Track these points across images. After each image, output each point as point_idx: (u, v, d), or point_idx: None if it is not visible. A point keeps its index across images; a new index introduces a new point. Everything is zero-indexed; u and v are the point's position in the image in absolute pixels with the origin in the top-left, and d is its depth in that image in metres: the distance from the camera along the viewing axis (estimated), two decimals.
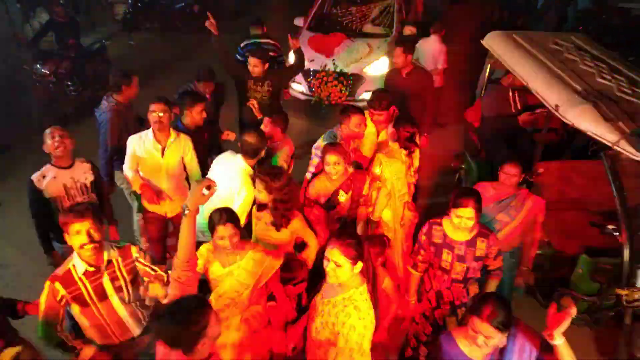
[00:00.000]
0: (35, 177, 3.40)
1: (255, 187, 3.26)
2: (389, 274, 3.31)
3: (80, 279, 2.66)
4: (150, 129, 3.79)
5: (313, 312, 2.66)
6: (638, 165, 3.09)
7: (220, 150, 4.20)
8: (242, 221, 3.36)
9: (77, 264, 2.67)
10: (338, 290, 2.49)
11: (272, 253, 2.95)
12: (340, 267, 2.36)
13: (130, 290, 2.82)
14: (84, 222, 2.57)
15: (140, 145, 3.80)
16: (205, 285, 2.88)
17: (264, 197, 3.17)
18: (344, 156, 3.45)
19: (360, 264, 2.41)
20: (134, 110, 4.48)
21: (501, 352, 2.36)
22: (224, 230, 2.71)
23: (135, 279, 2.83)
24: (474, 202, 2.91)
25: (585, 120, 3.29)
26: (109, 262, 2.73)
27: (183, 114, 4.10)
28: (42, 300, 2.63)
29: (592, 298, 3.68)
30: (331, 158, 3.43)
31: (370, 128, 4.20)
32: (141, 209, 4.19)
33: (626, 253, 3.23)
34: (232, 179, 3.56)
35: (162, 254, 4.27)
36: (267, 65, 4.84)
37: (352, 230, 3.38)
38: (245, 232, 3.32)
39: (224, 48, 4.82)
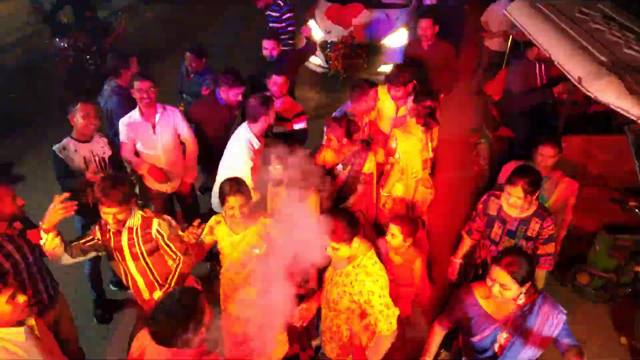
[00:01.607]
0: (56, 148, 3.47)
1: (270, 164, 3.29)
2: (421, 256, 3.30)
3: (109, 236, 2.86)
4: (136, 109, 3.77)
5: (328, 285, 2.73)
6: None
7: None
8: None
9: None
10: (348, 260, 2.57)
11: None
12: (338, 249, 2.48)
13: (150, 263, 2.89)
14: (110, 208, 2.69)
15: (131, 127, 3.78)
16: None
17: (278, 173, 3.20)
18: (340, 133, 3.49)
19: (357, 240, 2.48)
20: None
21: (525, 317, 2.40)
22: (234, 201, 2.79)
23: (153, 252, 2.89)
24: (525, 183, 2.84)
25: (609, 93, 3.17)
26: (130, 228, 2.83)
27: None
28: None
29: (610, 275, 3.64)
30: (328, 133, 3.52)
31: (389, 103, 4.14)
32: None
33: None
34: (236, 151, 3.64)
35: None
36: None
37: (340, 210, 3.31)
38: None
39: None
